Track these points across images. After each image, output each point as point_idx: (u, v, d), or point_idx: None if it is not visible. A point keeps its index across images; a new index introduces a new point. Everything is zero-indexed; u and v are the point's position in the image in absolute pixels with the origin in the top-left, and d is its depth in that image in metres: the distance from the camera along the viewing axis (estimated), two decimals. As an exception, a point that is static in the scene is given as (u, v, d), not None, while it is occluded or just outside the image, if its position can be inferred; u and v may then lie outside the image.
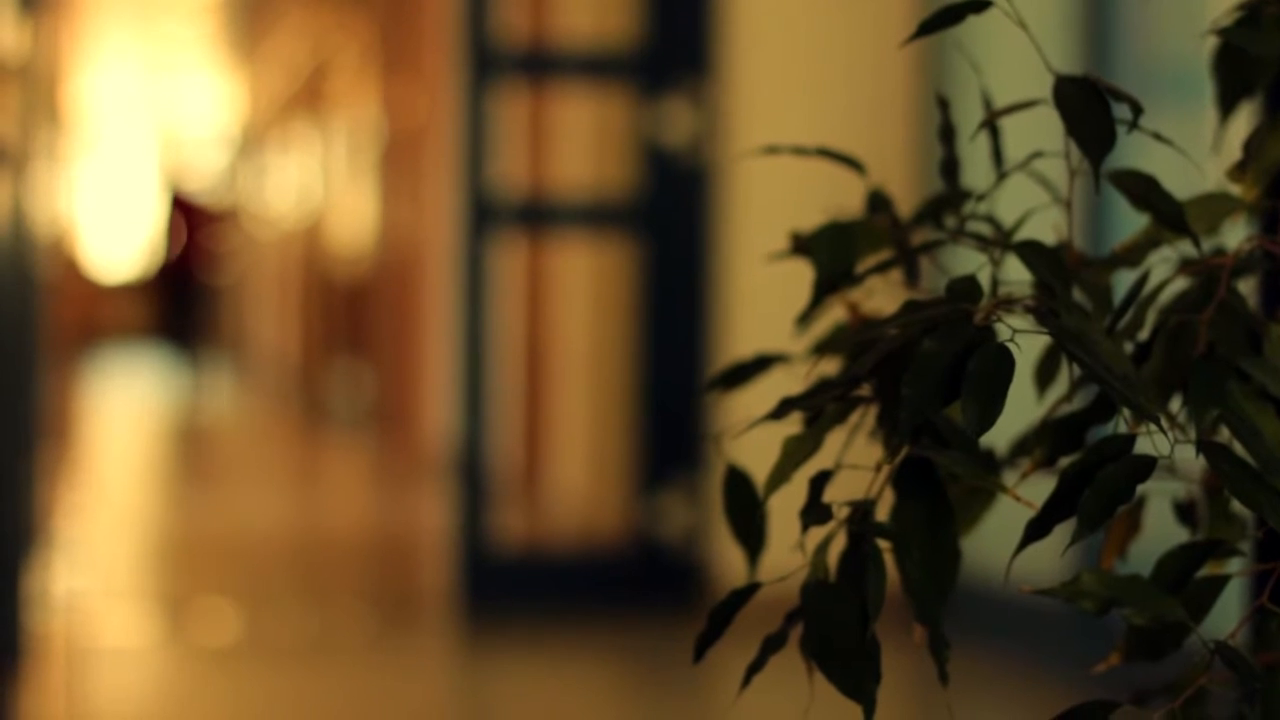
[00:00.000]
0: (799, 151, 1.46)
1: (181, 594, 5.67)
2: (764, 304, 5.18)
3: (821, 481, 1.26)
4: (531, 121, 7.24)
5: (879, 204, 1.45)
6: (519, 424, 7.49)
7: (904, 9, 5.22)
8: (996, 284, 1.33)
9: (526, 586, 5.22)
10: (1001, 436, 1.34)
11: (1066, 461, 1.24)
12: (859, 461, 1.30)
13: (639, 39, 5.35)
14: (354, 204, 11.77)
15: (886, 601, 1.21)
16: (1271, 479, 1.17)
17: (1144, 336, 1.34)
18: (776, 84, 5.25)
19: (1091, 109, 1.26)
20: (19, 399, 4.66)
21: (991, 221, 1.42)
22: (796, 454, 1.27)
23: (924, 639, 1.23)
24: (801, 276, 1.61)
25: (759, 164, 5.07)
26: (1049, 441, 1.29)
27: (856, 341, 1.32)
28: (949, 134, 1.45)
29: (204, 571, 6.24)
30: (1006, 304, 1.22)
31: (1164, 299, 1.35)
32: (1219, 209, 1.37)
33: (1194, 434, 1.21)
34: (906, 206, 1.46)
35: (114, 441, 11.02)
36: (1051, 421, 1.30)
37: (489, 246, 5.23)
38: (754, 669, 1.28)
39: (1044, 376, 1.44)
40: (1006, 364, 1.17)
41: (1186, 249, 1.37)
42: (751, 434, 1.35)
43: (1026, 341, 1.25)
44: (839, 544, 1.25)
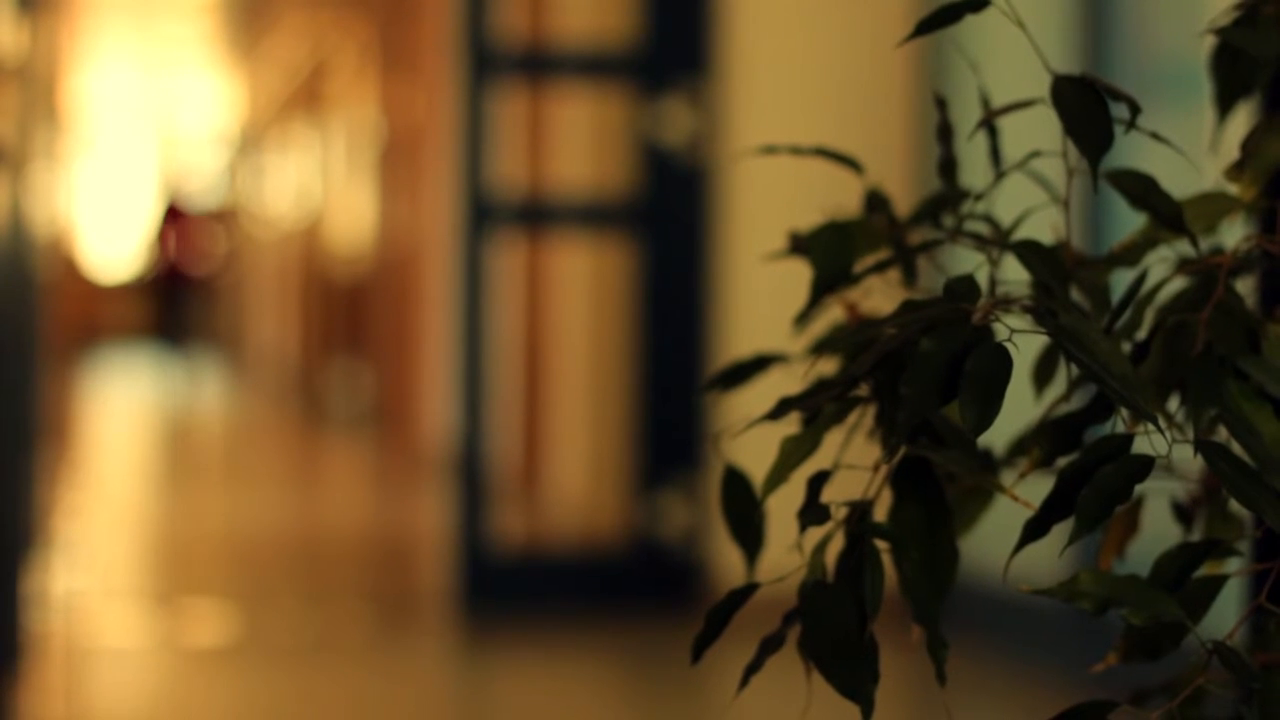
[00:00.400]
0: (797, 151, 1.46)
1: (181, 594, 5.67)
2: (762, 304, 5.18)
3: (819, 481, 1.26)
4: (530, 121, 7.24)
5: (877, 203, 1.45)
6: (518, 424, 7.49)
7: (902, 9, 5.22)
8: (994, 283, 1.33)
9: (526, 586, 5.22)
10: (999, 436, 1.34)
11: (1064, 461, 1.24)
12: (857, 461, 1.30)
13: (638, 39, 5.34)
14: (353, 203, 11.77)
15: (884, 601, 1.22)
16: (1269, 479, 1.17)
17: (1142, 336, 1.34)
18: (775, 84, 5.25)
19: (1089, 108, 1.26)
20: (18, 399, 4.66)
21: (989, 221, 1.42)
22: (794, 454, 1.27)
23: (922, 639, 1.23)
24: (799, 276, 1.61)
25: (757, 164, 5.07)
26: (1047, 441, 1.29)
27: (854, 341, 1.33)
28: (947, 133, 1.45)
29: (203, 571, 6.24)
30: (1004, 304, 1.22)
31: (1162, 298, 1.35)
32: (1217, 208, 1.37)
33: (1192, 433, 1.21)
34: (904, 206, 1.46)
35: (113, 441, 11.02)
36: (1049, 421, 1.30)
37: (488, 246, 5.22)
38: (752, 669, 1.28)
39: (1042, 376, 1.44)
40: (1004, 364, 1.17)
41: (1184, 248, 1.37)
42: (750, 434, 1.35)
43: (1024, 341, 1.24)
44: (837, 544, 1.25)
